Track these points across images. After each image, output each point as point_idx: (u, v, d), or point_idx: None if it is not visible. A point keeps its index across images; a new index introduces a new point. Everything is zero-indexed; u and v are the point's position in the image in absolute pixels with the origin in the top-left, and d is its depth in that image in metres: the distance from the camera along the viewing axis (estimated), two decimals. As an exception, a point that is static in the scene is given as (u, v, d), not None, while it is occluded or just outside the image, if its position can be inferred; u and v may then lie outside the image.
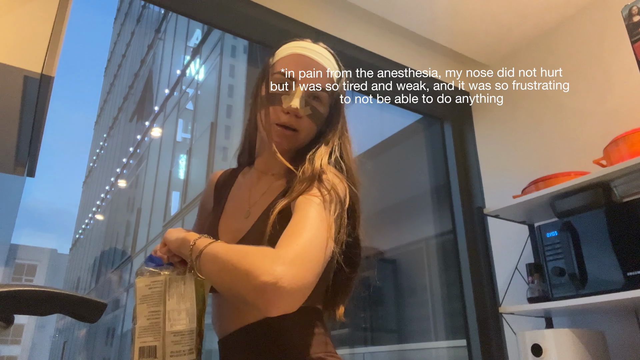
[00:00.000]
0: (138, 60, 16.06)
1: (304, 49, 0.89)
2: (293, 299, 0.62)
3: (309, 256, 0.65)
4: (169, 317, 0.71)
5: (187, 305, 0.72)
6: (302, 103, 0.84)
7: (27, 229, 21.68)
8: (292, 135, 0.86)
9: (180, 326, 0.71)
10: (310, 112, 0.86)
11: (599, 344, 1.52)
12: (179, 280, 0.74)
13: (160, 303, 0.72)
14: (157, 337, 0.70)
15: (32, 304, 0.55)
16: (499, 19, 2.05)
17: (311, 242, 0.67)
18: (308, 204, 0.75)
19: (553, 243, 1.62)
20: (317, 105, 0.87)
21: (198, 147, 10.99)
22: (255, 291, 0.61)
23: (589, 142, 1.82)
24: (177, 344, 0.70)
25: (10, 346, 9.26)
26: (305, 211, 0.73)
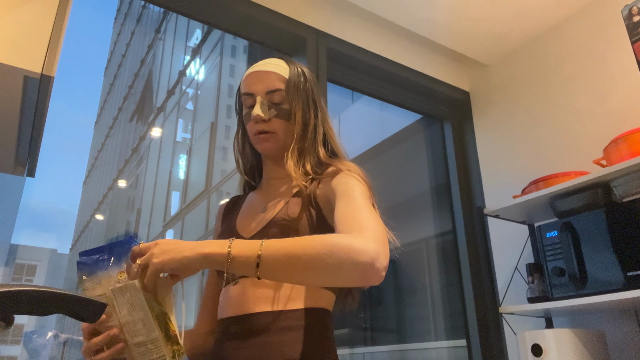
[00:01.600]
0: (138, 60, 16.07)
1: (254, 67, 1.00)
2: (384, 274, 0.70)
3: (384, 236, 0.73)
4: (126, 329, 0.68)
5: (141, 315, 0.68)
6: (264, 108, 0.95)
7: (27, 229, 21.67)
8: (269, 137, 0.95)
9: (140, 337, 0.68)
10: (275, 113, 0.95)
11: (599, 344, 1.52)
12: (123, 290, 0.68)
13: (114, 317, 0.69)
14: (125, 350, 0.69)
15: (32, 304, 0.55)
16: (499, 19, 2.05)
17: (378, 222, 0.75)
18: (351, 185, 0.85)
19: (553, 243, 1.62)
20: (279, 104, 0.96)
21: (198, 147, 11.01)
22: (358, 271, 0.68)
23: (589, 142, 1.82)
24: (145, 355, 0.68)
25: (10, 346, 9.27)
26: (353, 191, 0.83)
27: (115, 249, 0.67)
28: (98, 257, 0.67)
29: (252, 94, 0.96)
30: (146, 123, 14.22)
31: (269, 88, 0.96)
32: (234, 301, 0.86)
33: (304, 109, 0.98)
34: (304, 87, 0.99)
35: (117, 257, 0.67)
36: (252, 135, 0.97)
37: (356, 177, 0.89)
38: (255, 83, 0.97)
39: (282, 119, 0.95)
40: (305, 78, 1.01)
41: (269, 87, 0.96)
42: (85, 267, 0.67)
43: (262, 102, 0.95)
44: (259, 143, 0.97)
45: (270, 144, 0.96)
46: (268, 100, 0.96)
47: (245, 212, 1.00)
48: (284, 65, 1.00)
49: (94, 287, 0.67)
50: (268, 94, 0.96)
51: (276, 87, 0.96)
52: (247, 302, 0.84)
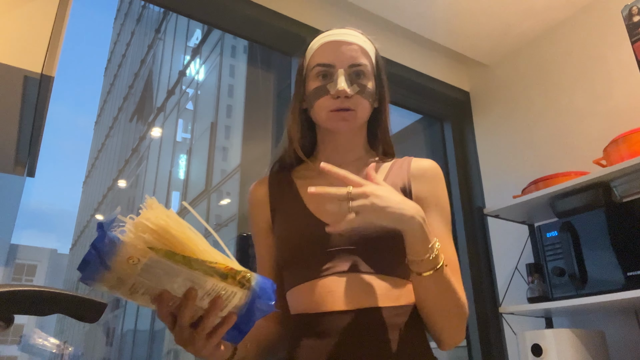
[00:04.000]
0: (138, 60, 16.07)
1: (332, 36, 0.90)
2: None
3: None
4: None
5: (182, 277, 0.56)
6: (348, 83, 0.85)
7: (27, 229, 21.69)
8: (349, 115, 0.85)
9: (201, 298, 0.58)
10: (358, 89, 0.86)
11: (599, 344, 1.52)
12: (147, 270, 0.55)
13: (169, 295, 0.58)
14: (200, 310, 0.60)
15: (32, 304, 0.55)
16: (499, 19, 2.05)
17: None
18: (447, 205, 0.88)
19: (553, 243, 1.62)
20: (362, 81, 0.87)
21: (198, 147, 11.01)
22: (460, 326, 0.79)
23: (589, 142, 1.82)
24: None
25: (10, 346, 9.27)
26: (449, 217, 0.87)
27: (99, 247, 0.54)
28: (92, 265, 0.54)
29: (332, 64, 0.86)
30: (146, 123, 14.22)
31: (353, 61, 0.86)
32: (338, 295, 0.77)
33: (385, 90, 0.92)
34: (382, 64, 0.93)
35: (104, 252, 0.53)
36: (326, 112, 0.86)
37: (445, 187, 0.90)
38: (336, 53, 0.87)
39: (364, 97, 0.86)
40: (380, 55, 0.94)
41: (353, 60, 0.86)
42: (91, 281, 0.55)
43: (345, 75, 0.85)
44: (334, 121, 0.86)
45: (349, 123, 0.87)
46: (352, 74, 0.86)
47: (316, 199, 0.86)
48: (364, 38, 0.91)
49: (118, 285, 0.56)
50: (351, 67, 0.86)
51: (360, 61, 0.87)
52: (358, 295, 0.76)
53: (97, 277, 0.54)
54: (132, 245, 0.53)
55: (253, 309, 0.60)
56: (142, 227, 0.53)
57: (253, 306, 0.60)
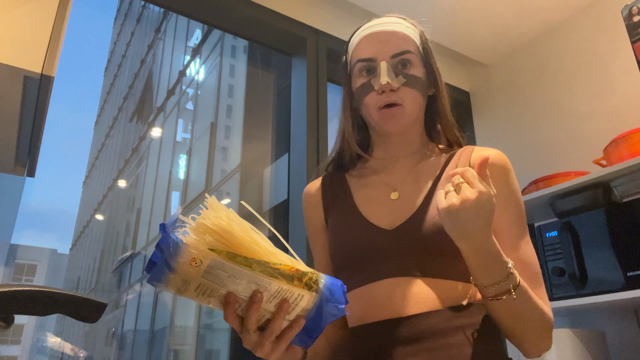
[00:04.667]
0: (138, 60, 16.06)
1: (371, 28, 0.85)
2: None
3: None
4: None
5: (246, 279, 0.54)
6: (392, 75, 0.79)
7: (27, 229, 21.70)
8: (397, 110, 0.80)
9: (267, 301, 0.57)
10: (404, 80, 0.80)
11: (599, 344, 1.52)
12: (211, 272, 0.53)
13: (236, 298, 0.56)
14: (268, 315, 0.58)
15: (32, 304, 0.55)
16: (499, 19, 2.05)
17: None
18: (521, 202, 0.81)
19: (553, 243, 1.62)
20: (409, 70, 0.81)
21: (198, 147, 11.00)
22: (544, 337, 0.72)
23: (589, 142, 1.82)
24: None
25: (10, 346, 9.27)
26: (524, 216, 0.81)
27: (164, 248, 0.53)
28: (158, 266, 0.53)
29: (373, 58, 0.81)
30: (146, 123, 14.22)
31: (395, 50, 0.80)
32: (386, 302, 0.73)
33: (436, 76, 0.85)
34: (431, 49, 0.86)
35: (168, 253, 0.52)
36: (375, 110, 0.81)
37: (516, 181, 0.81)
38: (377, 45, 0.81)
39: (411, 87, 0.80)
40: (428, 40, 0.87)
41: (395, 49, 0.80)
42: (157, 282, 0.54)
43: (388, 67, 0.79)
44: (384, 121, 0.81)
45: (399, 121, 0.80)
46: (394, 65, 0.80)
47: (368, 197, 0.83)
48: (407, 23, 0.86)
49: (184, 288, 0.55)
50: (394, 57, 0.80)
51: (403, 48, 0.81)
52: (404, 302, 0.72)
53: (163, 278, 0.53)
54: (193, 246, 0.51)
55: (322, 313, 0.58)
56: (202, 228, 0.51)
57: (322, 309, 0.57)
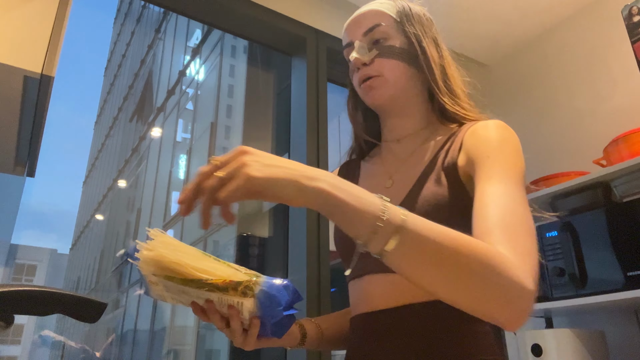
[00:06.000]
0: (138, 60, 16.06)
1: (352, 15, 0.86)
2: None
3: (536, 263, 0.55)
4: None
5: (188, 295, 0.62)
6: (362, 51, 0.80)
7: (27, 229, 21.68)
8: (373, 81, 0.79)
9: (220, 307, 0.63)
10: (377, 52, 0.79)
11: (599, 344, 1.52)
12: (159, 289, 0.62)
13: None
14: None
15: (32, 304, 0.55)
16: (499, 19, 2.05)
17: (535, 238, 0.57)
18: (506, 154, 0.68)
19: (553, 243, 1.62)
20: (384, 42, 0.80)
21: (198, 147, 10.99)
22: (508, 312, 0.51)
23: (589, 142, 1.82)
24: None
25: (10, 346, 9.26)
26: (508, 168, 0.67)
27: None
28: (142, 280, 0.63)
29: (351, 42, 0.83)
30: (146, 123, 14.22)
31: (366, 28, 0.81)
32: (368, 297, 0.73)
33: (421, 41, 0.81)
34: (414, 18, 0.83)
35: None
36: (359, 88, 0.82)
37: (512, 140, 0.71)
38: (351, 29, 0.83)
39: (387, 57, 0.79)
40: (416, 10, 0.86)
41: (366, 26, 0.81)
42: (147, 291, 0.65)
43: (360, 44, 0.80)
44: (365, 94, 0.81)
45: (379, 91, 0.79)
46: (368, 41, 0.81)
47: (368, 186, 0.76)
48: (383, 0, 0.85)
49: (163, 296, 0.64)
50: (366, 34, 0.81)
51: (373, 23, 0.81)
52: (375, 296, 0.72)
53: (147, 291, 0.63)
54: (144, 271, 0.60)
55: (269, 314, 0.62)
56: (144, 257, 0.59)
57: (265, 312, 0.62)
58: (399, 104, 0.82)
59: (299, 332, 0.78)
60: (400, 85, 0.80)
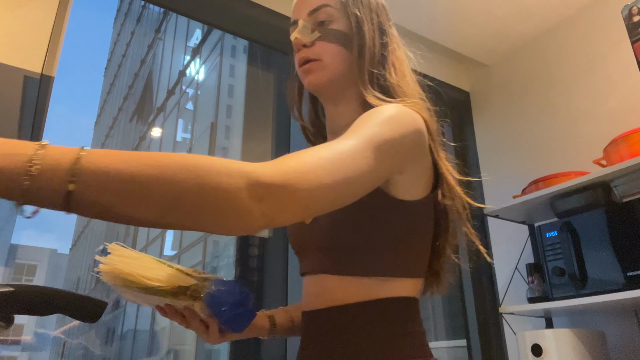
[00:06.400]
0: (138, 60, 16.03)
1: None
2: (261, 221, 0.46)
3: (302, 178, 0.49)
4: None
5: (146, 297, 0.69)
6: (304, 31, 0.76)
7: (27, 229, 21.56)
8: (312, 65, 0.76)
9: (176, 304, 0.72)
10: (319, 35, 0.76)
11: (599, 344, 1.52)
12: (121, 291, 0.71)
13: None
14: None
15: (32, 304, 0.55)
16: (499, 19, 2.05)
17: (319, 167, 0.51)
18: (368, 117, 0.62)
19: (553, 243, 1.62)
20: (327, 25, 0.76)
21: (198, 147, 10.98)
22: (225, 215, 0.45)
23: (589, 142, 1.82)
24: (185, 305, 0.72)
25: (10, 346, 9.26)
26: (359, 127, 0.60)
27: None
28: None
29: (296, 20, 0.80)
30: (146, 123, 14.20)
31: (311, 7, 0.77)
32: (306, 297, 0.75)
33: (362, 27, 0.76)
34: (361, 2, 0.78)
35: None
36: (298, 70, 0.78)
37: (385, 111, 0.63)
38: (297, 7, 0.80)
39: (328, 41, 0.75)
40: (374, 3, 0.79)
41: (311, 5, 0.77)
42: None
43: (303, 24, 0.77)
44: (303, 77, 0.78)
45: (316, 75, 0.75)
46: (312, 21, 0.77)
47: None
48: None
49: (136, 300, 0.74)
50: (311, 14, 0.77)
51: (319, 3, 0.77)
52: (309, 296, 0.73)
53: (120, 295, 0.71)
54: (106, 282, 0.68)
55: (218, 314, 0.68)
56: (102, 270, 0.67)
57: (216, 312, 0.68)
58: (336, 90, 0.77)
59: (268, 322, 0.83)
60: (338, 71, 0.76)
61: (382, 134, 0.59)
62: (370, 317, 0.66)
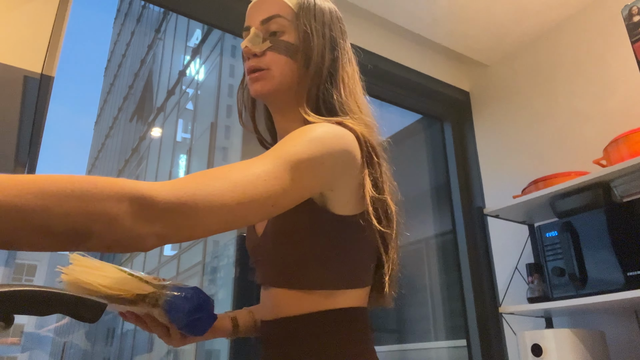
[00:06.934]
0: (138, 60, 16.06)
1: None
2: (150, 240, 0.47)
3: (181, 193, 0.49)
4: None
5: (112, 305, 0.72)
6: (255, 40, 0.76)
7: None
8: (260, 74, 0.75)
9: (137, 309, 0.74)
10: (270, 45, 0.76)
11: (599, 344, 1.52)
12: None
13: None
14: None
15: (32, 304, 0.55)
16: (499, 19, 2.05)
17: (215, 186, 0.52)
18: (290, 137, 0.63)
19: (553, 243, 1.62)
20: (280, 36, 0.76)
21: (198, 147, 11.00)
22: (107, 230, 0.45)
23: (589, 142, 1.82)
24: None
25: (10, 346, 9.26)
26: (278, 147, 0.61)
27: None
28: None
29: (248, 26, 0.79)
30: (146, 123, 14.22)
31: (264, 16, 0.77)
32: (261, 305, 0.80)
33: (311, 41, 0.76)
34: (315, 15, 0.77)
35: None
36: (247, 77, 0.78)
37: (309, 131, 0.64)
38: (251, 13, 0.80)
39: (278, 52, 0.75)
40: (320, 7, 0.79)
41: (264, 14, 0.77)
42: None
43: (255, 33, 0.77)
44: (250, 84, 0.77)
45: (263, 84, 0.75)
46: (264, 31, 0.77)
47: None
48: None
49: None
50: (263, 23, 0.77)
51: (272, 13, 0.76)
52: (265, 306, 0.77)
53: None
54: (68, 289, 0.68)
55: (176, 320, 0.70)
56: (63, 280, 0.69)
57: (174, 318, 0.69)
58: (282, 101, 0.78)
59: (231, 324, 0.85)
60: (285, 82, 0.76)
61: (301, 153, 0.60)
62: (318, 327, 0.69)
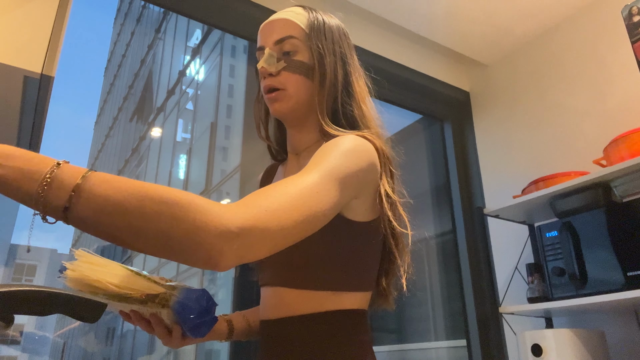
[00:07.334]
0: (138, 60, 16.05)
1: (268, 19, 0.87)
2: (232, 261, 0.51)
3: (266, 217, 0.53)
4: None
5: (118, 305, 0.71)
6: (270, 60, 0.81)
7: (27, 229, 21.56)
8: (279, 95, 0.80)
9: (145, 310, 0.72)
10: (285, 65, 0.80)
11: (599, 344, 1.52)
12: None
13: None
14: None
15: (32, 304, 0.55)
16: (499, 19, 2.05)
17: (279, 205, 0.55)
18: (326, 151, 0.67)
19: (553, 243, 1.62)
20: (294, 56, 0.81)
21: (198, 147, 10.99)
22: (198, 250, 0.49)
23: (589, 142, 1.82)
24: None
25: (10, 346, 9.26)
26: (316, 163, 0.65)
27: None
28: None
29: (262, 46, 0.83)
30: (146, 123, 14.21)
31: (278, 37, 0.81)
32: (263, 307, 0.81)
33: (324, 59, 0.81)
34: (325, 35, 0.83)
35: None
36: (264, 96, 0.83)
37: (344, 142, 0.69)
38: (265, 33, 0.84)
39: (292, 72, 0.80)
40: (329, 26, 0.85)
41: (278, 35, 0.81)
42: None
43: (270, 53, 0.81)
44: (269, 104, 0.82)
45: (281, 104, 0.80)
46: (278, 51, 0.81)
47: None
48: (299, 11, 0.85)
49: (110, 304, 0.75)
50: (277, 43, 0.81)
51: (285, 34, 0.81)
52: (267, 306, 0.79)
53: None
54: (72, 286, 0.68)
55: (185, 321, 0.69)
56: (68, 276, 0.67)
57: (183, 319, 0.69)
58: (298, 117, 0.83)
59: (227, 327, 0.87)
60: (301, 100, 0.81)
61: (341, 167, 0.65)
62: (322, 327, 0.72)
